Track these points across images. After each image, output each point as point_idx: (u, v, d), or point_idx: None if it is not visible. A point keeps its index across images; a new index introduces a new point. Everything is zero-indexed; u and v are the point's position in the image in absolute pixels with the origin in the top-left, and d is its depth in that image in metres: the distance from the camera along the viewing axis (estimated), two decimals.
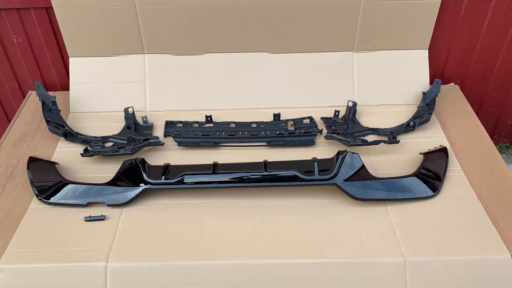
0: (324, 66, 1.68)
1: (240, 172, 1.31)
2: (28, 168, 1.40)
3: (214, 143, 1.53)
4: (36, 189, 1.34)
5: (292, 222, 1.26)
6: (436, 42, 1.71)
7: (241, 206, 1.31)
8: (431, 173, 1.36)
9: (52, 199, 1.32)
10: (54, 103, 1.58)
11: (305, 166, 1.33)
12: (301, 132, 1.56)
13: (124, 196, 1.31)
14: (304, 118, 1.62)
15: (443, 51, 1.77)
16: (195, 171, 1.33)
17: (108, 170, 1.42)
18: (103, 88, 1.67)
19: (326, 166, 1.32)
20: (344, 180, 1.29)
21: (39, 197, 1.32)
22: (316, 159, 1.33)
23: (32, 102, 1.74)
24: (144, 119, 1.61)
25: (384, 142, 1.46)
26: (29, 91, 1.78)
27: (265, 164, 1.33)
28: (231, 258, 1.16)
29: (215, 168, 1.33)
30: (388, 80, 1.69)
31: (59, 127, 1.55)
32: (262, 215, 1.28)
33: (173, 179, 1.31)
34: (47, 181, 1.36)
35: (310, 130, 1.56)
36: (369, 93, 1.69)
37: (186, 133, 1.57)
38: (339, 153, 1.33)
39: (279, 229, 1.24)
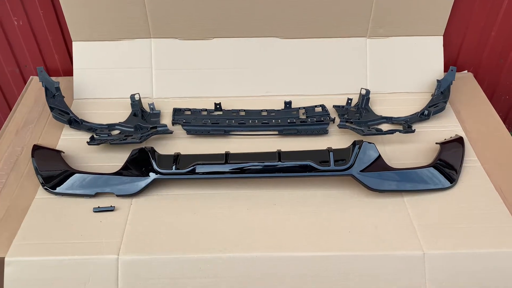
0: (336, 52, 1.63)
1: (253, 162, 1.27)
2: (32, 156, 1.35)
3: (224, 132, 1.49)
4: (42, 178, 1.29)
5: (307, 213, 1.23)
6: (451, 29, 1.66)
7: (253, 197, 1.27)
8: (448, 163, 1.33)
9: (59, 189, 1.27)
10: (58, 89, 1.53)
11: (320, 156, 1.29)
12: (313, 120, 1.52)
13: (133, 186, 1.27)
14: (316, 106, 1.58)
15: (457, 38, 1.72)
16: (206, 161, 1.29)
17: (116, 159, 1.37)
18: (108, 73, 1.62)
19: (341, 156, 1.28)
20: (361, 171, 1.26)
21: (45, 187, 1.28)
22: (331, 149, 1.29)
23: (33, 88, 1.68)
24: (151, 106, 1.56)
25: (399, 131, 1.43)
26: (31, 76, 1.72)
27: (279, 154, 1.29)
28: (245, 251, 1.13)
29: (227, 158, 1.29)
30: (401, 67, 1.65)
31: (64, 114, 1.50)
32: (276, 207, 1.25)
33: (184, 169, 1.27)
34: (52, 170, 1.32)
35: (322, 119, 1.52)
36: (382, 80, 1.64)
37: (195, 121, 1.53)
38: (355, 143, 1.29)
39: (293, 221, 1.21)
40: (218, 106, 1.58)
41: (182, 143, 1.46)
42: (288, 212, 1.23)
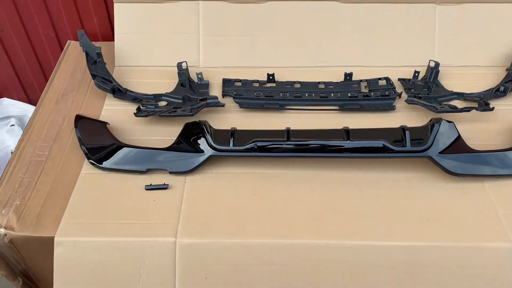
0: (401, 19, 1.47)
1: (319, 141, 1.15)
2: (76, 127, 1.25)
3: (279, 106, 1.37)
4: (87, 151, 1.19)
5: (379, 198, 1.11)
6: None
7: (317, 179, 1.16)
8: None
9: (106, 164, 1.17)
10: (100, 54, 1.41)
11: (392, 135, 1.17)
12: (377, 95, 1.38)
13: (188, 163, 1.16)
14: (379, 78, 1.44)
15: None
16: (266, 138, 1.17)
17: (165, 132, 1.27)
18: (152, 39, 1.49)
19: (418, 136, 1.15)
20: (439, 153, 1.13)
21: (91, 161, 1.18)
22: (406, 127, 1.16)
23: (71, 53, 1.57)
24: (199, 76, 1.43)
25: (476, 109, 1.29)
26: (68, 41, 1.60)
27: (347, 132, 1.16)
28: (315, 238, 1.03)
29: (288, 135, 1.17)
30: (474, 37, 1.48)
31: (107, 82, 1.38)
32: (343, 190, 1.14)
33: (243, 146, 1.16)
34: (98, 143, 1.22)
35: (387, 93, 1.39)
36: (452, 52, 1.48)
37: (246, 93, 1.40)
38: (432, 120, 1.16)
39: (363, 207, 1.10)
40: (271, 77, 1.45)
41: (234, 117, 1.34)
42: (358, 196, 1.12)
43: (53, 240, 1.02)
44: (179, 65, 1.41)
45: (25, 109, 1.77)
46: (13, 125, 1.75)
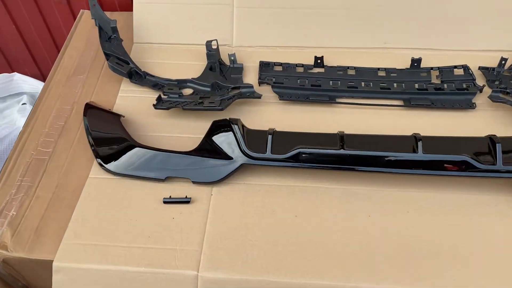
0: None
1: (383, 152, 0.90)
2: (84, 116, 1.05)
3: (329, 98, 1.11)
4: (97, 153, 1.00)
5: (457, 228, 0.87)
6: None
7: (375, 199, 0.92)
8: None
9: (117, 168, 0.97)
10: (115, 29, 1.18)
11: (477, 145, 0.91)
12: (452, 88, 1.11)
13: (214, 172, 0.95)
14: (455, 66, 1.15)
15: None
16: (313, 145, 0.93)
17: (190, 129, 1.06)
18: (177, 10, 1.24)
19: (509, 148, 0.89)
20: None
21: (100, 163, 0.99)
22: (496, 138, 0.89)
23: (84, 25, 1.35)
24: (232, 58, 1.19)
25: None
26: (81, 10, 1.38)
27: (417, 140, 0.91)
28: (371, 281, 0.81)
29: (342, 141, 0.93)
30: None
31: (123, 63, 1.16)
32: (409, 215, 0.90)
33: (283, 154, 0.92)
34: (111, 143, 1.02)
35: (465, 86, 1.11)
36: None
37: (288, 80, 1.16)
38: None
39: (438, 237, 0.86)
40: (319, 61, 1.19)
41: (272, 112, 1.11)
42: (429, 223, 0.88)
43: (52, 263, 0.85)
44: (208, 44, 1.17)
45: (37, 86, 1.59)
46: (24, 103, 1.58)
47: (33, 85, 1.59)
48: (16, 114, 1.56)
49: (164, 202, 0.93)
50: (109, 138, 1.03)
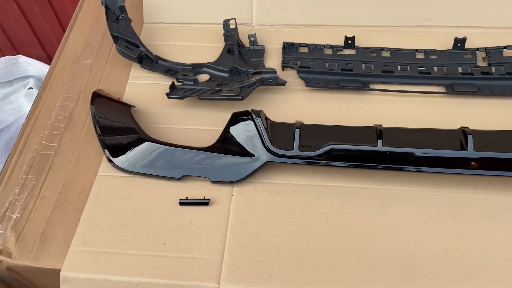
0: None
1: (427, 149, 0.79)
2: (92, 104, 0.96)
3: (362, 84, 1.00)
4: (106, 148, 0.91)
5: (508, 234, 0.77)
6: None
7: (417, 200, 0.82)
8: None
9: (129, 165, 0.89)
10: (123, 9, 1.07)
11: None
12: (502, 72, 0.98)
13: (235, 170, 0.85)
14: (504, 47, 1.02)
15: None
16: (346, 141, 0.82)
17: (208, 120, 0.96)
18: None
19: None
20: None
21: (110, 160, 0.90)
22: None
23: (91, 3, 1.24)
24: (252, 39, 1.07)
25: None
26: None
27: (466, 135, 0.79)
28: None
29: (380, 136, 0.82)
30: None
31: (132, 47, 1.06)
32: (455, 220, 0.80)
33: (313, 152, 0.82)
34: (120, 133, 0.93)
35: None
36: None
37: (315, 64, 1.04)
38: None
39: (487, 247, 0.76)
40: (350, 42, 1.06)
41: (298, 100, 1.00)
42: (476, 230, 0.78)
43: (59, 272, 0.78)
44: (225, 24, 1.05)
45: (43, 69, 1.50)
46: (31, 87, 1.50)
47: (39, 68, 1.50)
48: (23, 99, 1.48)
49: (180, 204, 0.84)
50: (118, 128, 0.94)
